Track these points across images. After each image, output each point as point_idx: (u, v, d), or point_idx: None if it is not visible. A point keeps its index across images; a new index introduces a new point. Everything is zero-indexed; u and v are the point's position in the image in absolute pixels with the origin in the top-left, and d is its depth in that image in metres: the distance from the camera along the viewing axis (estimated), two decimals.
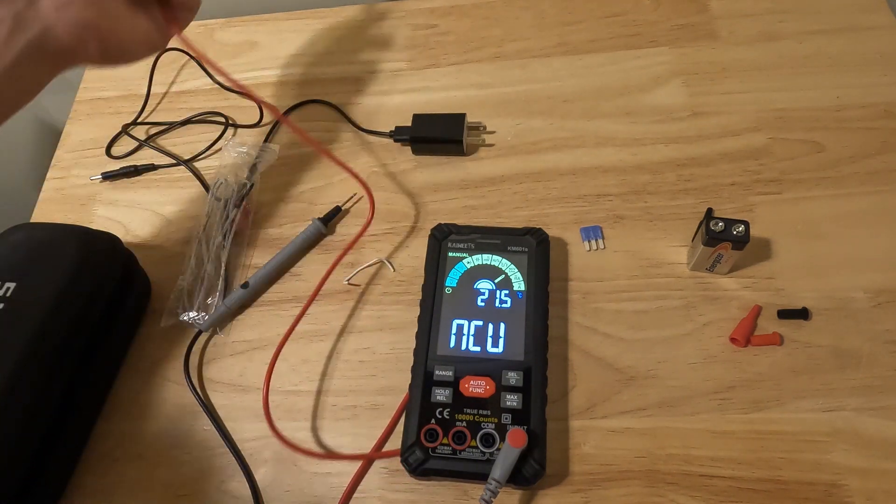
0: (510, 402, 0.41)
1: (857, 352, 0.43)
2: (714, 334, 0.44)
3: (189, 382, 0.46)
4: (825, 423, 0.41)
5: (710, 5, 0.60)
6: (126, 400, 0.47)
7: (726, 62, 0.56)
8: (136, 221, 0.55)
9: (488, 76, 0.59)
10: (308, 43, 0.64)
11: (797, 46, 0.56)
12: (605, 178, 0.52)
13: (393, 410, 0.44)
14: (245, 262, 0.52)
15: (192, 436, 0.45)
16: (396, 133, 0.55)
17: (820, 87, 0.54)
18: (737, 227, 0.42)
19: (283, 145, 0.57)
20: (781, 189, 0.49)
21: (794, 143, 0.51)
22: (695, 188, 0.50)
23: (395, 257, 0.50)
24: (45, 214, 0.57)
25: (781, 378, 0.42)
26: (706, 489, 0.39)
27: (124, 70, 0.64)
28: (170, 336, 0.49)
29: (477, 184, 0.53)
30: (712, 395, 0.42)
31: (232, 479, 0.43)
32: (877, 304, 0.44)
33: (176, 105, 0.62)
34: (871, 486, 0.39)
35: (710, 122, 0.53)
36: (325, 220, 0.52)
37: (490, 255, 0.46)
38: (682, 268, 0.47)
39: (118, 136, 0.61)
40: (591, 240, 0.49)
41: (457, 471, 0.39)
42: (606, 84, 0.57)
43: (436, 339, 0.43)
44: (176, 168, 0.58)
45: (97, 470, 0.44)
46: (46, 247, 0.45)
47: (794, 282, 0.46)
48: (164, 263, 0.52)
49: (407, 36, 0.63)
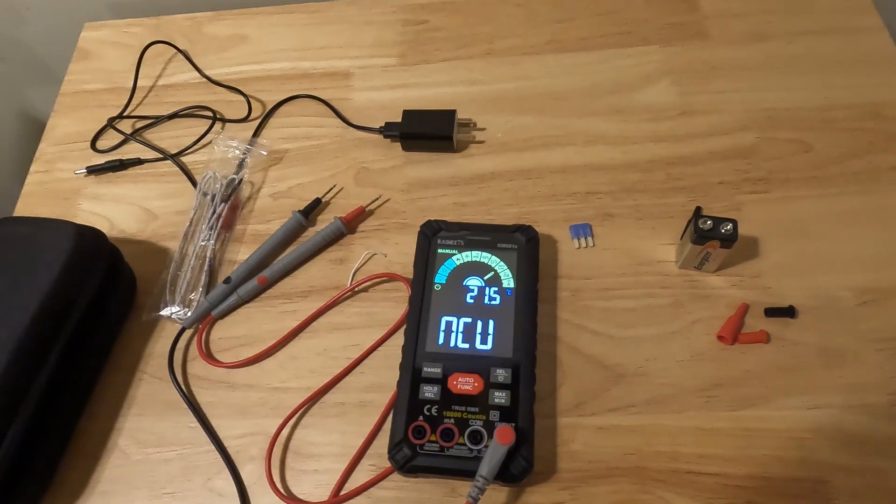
0: (498, 399, 0.41)
1: (843, 350, 0.43)
2: (702, 332, 0.44)
3: (174, 379, 0.46)
4: (811, 420, 0.41)
5: (700, 4, 0.60)
6: (110, 396, 0.46)
7: (716, 61, 0.57)
8: (121, 216, 0.55)
9: (479, 73, 0.59)
10: (297, 37, 0.63)
11: (786, 46, 0.57)
12: (595, 176, 0.52)
13: (381, 407, 0.44)
14: (233, 257, 0.51)
15: (178, 433, 0.44)
16: (386, 129, 0.55)
17: (808, 87, 0.54)
18: (725, 226, 0.42)
19: (272, 140, 0.57)
20: (769, 188, 0.50)
21: (782, 143, 0.52)
22: (684, 187, 0.51)
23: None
24: (28, 209, 0.56)
25: (768, 376, 0.43)
26: (693, 486, 0.40)
27: (110, 63, 0.64)
28: (155, 332, 0.49)
29: (467, 181, 0.53)
30: (700, 393, 0.42)
31: (218, 476, 0.43)
32: (862, 303, 0.45)
33: (163, 99, 0.61)
34: (856, 482, 0.39)
35: (699, 121, 0.54)
36: (306, 212, 0.51)
37: (480, 252, 0.46)
38: (671, 266, 0.47)
39: (103, 129, 0.60)
40: (581, 237, 0.49)
41: (444, 468, 0.39)
42: (597, 82, 0.57)
43: (424, 335, 0.43)
44: (162, 162, 0.57)
45: (81, 467, 0.44)
46: (29, 241, 0.44)
47: (781, 280, 0.46)
48: (150, 259, 0.52)
49: (398, 31, 0.62)
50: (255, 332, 0.48)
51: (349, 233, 0.51)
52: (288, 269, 0.50)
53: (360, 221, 0.52)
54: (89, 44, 0.66)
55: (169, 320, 0.49)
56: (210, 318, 0.48)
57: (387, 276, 0.49)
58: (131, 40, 0.65)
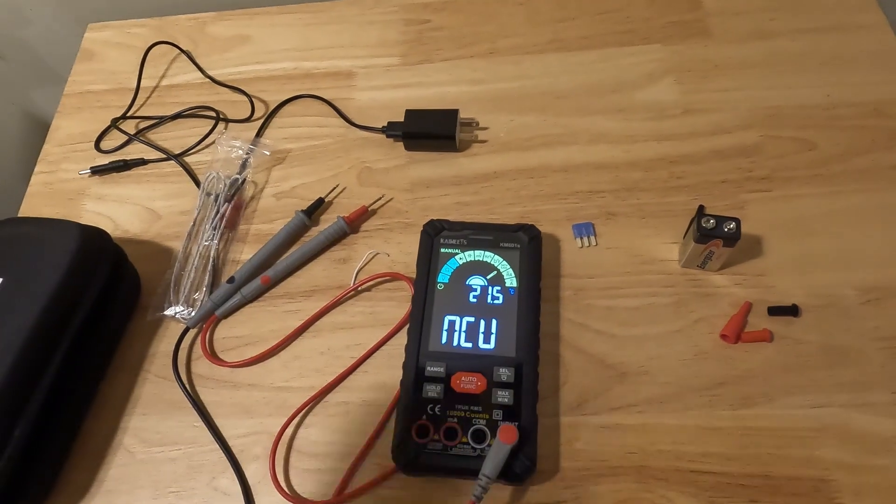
0: (501, 398, 0.41)
1: (846, 348, 0.43)
2: (705, 331, 0.44)
3: (178, 379, 0.46)
4: (814, 419, 0.41)
5: (703, 2, 0.60)
6: (115, 396, 0.46)
7: (719, 60, 0.56)
8: (125, 216, 0.55)
9: (481, 72, 0.59)
10: (300, 37, 0.63)
11: (789, 44, 0.56)
12: (598, 175, 0.52)
13: (384, 407, 0.44)
14: (236, 257, 0.51)
15: (182, 432, 0.45)
16: (389, 128, 0.55)
17: (811, 85, 0.54)
18: (728, 225, 0.42)
19: (275, 140, 0.57)
20: (772, 186, 0.50)
21: (786, 141, 0.52)
22: (686, 185, 0.50)
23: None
24: (32, 209, 0.56)
25: (771, 374, 0.43)
26: (696, 485, 0.40)
27: (113, 63, 0.64)
28: (159, 332, 0.49)
29: (469, 180, 0.53)
30: (703, 392, 0.42)
31: (222, 475, 0.43)
32: (866, 301, 0.44)
33: (166, 99, 0.61)
34: (859, 481, 0.39)
35: (702, 120, 0.54)
36: (309, 212, 0.51)
37: (482, 251, 0.46)
38: (674, 264, 0.47)
39: (107, 130, 0.60)
40: (584, 236, 0.49)
41: (448, 467, 0.39)
42: (599, 81, 0.57)
43: (427, 334, 0.43)
44: (166, 163, 0.57)
45: (86, 466, 0.44)
46: (34, 242, 0.44)
47: (785, 279, 0.46)
48: (154, 259, 0.52)
49: (400, 31, 0.62)
50: (259, 331, 0.48)
51: (352, 232, 0.51)
52: (291, 269, 0.50)
53: (362, 221, 0.52)
54: (93, 44, 0.66)
55: (173, 320, 0.49)
56: (214, 318, 0.48)
57: (390, 275, 0.49)
58: (135, 41, 0.66)
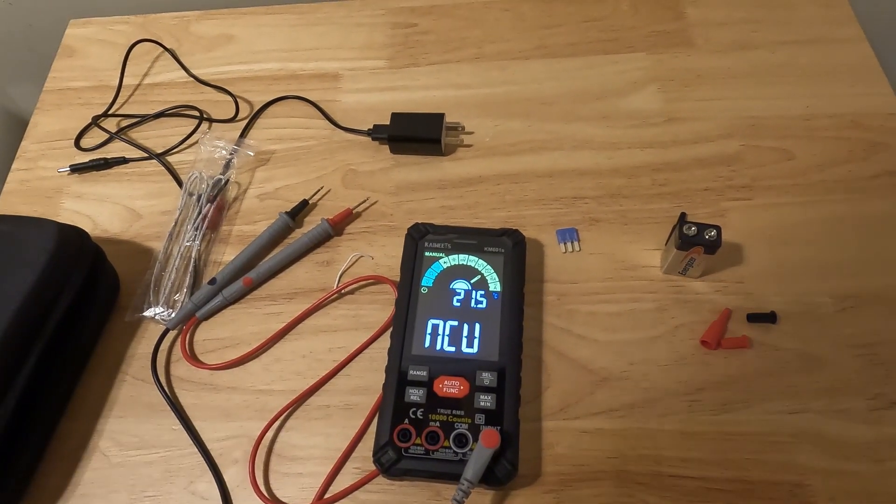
0: (484, 402, 0.41)
1: (822, 355, 0.44)
2: (685, 337, 0.45)
3: (157, 381, 0.45)
4: (790, 424, 0.42)
5: (686, 13, 0.61)
6: (92, 398, 0.46)
7: (701, 69, 0.57)
8: (104, 215, 0.54)
9: (468, 77, 0.59)
10: (286, 38, 0.63)
11: (769, 56, 0.58)
12: (582, 181, 0.52)
13: (366, 410, 0.44)
14: (218, 258, 0.51)
15: (160, 435, 0.44)
16: (374, 131, 0.55)
17: (791, 96, 0.55)
18: (709, 232, 0.43)
19: (259, 141, 0.57)
20: (752, 195, 0.50)
21: (765, 151, 0.53)
22: (669, 192, 0.51)
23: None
24: (9, 207, 0.55)
25: (749, 380, 0.43)
26: (676, 489, 0.40)
27: (95, 60, 0.64)
28: (138, 333, 0.48)
29: (454, 184, 0.53)
30: (683, 397, 0.43)
31: (201, 479, 0.42)
32: (841, 309, 0.45)
33: (149, 97, 0.61)
34: (834, 486, 0.40)
35: (684, 128, 0.54)
36: (293, 213, 0.51)
37: (466, 255, 0.46)
38: (656, 271, 0.48)
39: (88, 127, 0.59)
40: (567, 242, 0.49)
41: (429, 471, 0.39)
42: (584, 88, 0.57)
43: (411, 338, 0.43)
44: (148, 162, 0.56)
45: (61, 470, 0.43)
46: (10, 240, 0.43)
47: (763, 286, 0.47)
48: (133, 259, 0.51)
49: (387, 34, 0.62)
50: (240, 333, 0.47)
51: (336, 235, 0.51)
52: (274, 271, 0.49)
53: (347, 223, 0.52)
54: (74, 41, 0.65)
55: (152, 321, 0.48)
56: (194, 320, 0.48)
57: (373, 278, 0.48)
58: (117, 38, 0.65)
